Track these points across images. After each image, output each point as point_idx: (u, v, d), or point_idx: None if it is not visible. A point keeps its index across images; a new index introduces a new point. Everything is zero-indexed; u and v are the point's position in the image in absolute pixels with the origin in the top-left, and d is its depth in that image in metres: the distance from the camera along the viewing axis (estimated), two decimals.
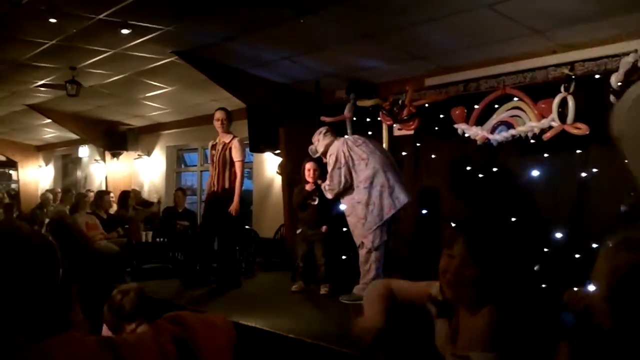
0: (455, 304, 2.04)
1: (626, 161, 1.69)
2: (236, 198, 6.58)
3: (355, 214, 5.86)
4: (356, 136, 6.40)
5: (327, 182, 6.05)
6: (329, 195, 6.10)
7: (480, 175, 6.53)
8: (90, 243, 8.04)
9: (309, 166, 6.41)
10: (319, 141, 6.21)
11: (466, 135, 6.39)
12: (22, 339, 1.08)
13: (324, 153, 6.15)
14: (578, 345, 1.77)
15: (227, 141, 6.74)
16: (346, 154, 5.91)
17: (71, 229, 8.26)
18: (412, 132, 7.11)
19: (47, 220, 10.09)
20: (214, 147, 6.90)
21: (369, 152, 5.93)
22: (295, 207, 6.65)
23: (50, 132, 14.04)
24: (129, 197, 9.74)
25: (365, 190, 5.79)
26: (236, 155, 6.64)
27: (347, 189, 5.95)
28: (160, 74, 8.41)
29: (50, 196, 12.60)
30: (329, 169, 6.02)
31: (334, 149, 6.01)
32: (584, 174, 5.70)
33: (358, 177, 5.85)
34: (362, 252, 5.83)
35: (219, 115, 6.87)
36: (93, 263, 7.60)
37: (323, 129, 6.32)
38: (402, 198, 5.81)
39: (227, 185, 6.64)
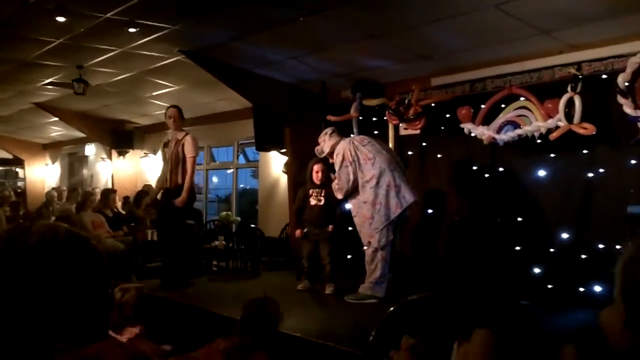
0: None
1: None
2: (184, 193, 6.45)
3: (362, 213, 5.86)
4: (362, 136, 6.40)
5: (336, 181, 6.05)
6: (339, 195, 6.08)
7: (487, 175, 6.53)
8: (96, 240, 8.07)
9: (316, 168, 6.39)
10: (325, 142, 6.21)
11: (472, 134, 6.38)
12: (59, 344, 1.11)
13: (330, 153, 6.15)
14: (585, 348, 1.76)
15: (179, 138, 6.63)
16: (352, 153, 5.91)
17: (77, 227, 8.27)
18: (418, 131, 7.10)
19: (53, 219, 10.13)
20: (166, 144, 6.78)
21: (375, 151, 5.92)
22: (296, 210, 6.64)
23: (56, 131, 14.09)
24: (145, 197, 9.78)
25: (371, 190, 5.79)
26: (188, 151, 6.53)
27: (355, 188, 5.95)
28: (166, 73, 8.43)
29: (55, 194, 12.64)
30: (337, 168, 6.02)
31: (340, 148, 6.01)
32: (590, 174, 5.69)
33: (365, 177, 5.85)
34: (368, 252, 5.84)
35: (170, 112, 6.75)
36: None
37: (329, 130, 6.32)
38: (408, 197, 5.81)
39: (180, 182, 6.52)
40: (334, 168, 6.20)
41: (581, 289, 5.55)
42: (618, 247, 5.25)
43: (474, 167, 6.66)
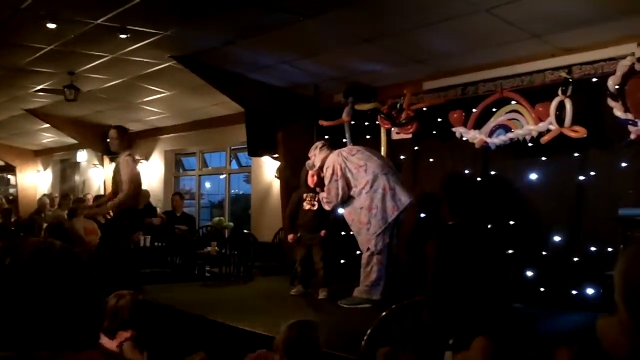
0: None
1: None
2: (110, 203, 6.36)
3: (359, 219, 5.87)
4: (350, 146, 6.44)
5: (325, 194, 6.07)
6: (327, 208, 6.13)
7: (479, 179, 6.54)
8: (88, 248, 8.03)
9: (312, 172, 6.41)
10: (316, 155, 6.23)
11: (464, 138, 6.40)
12: (46, 353, 1.13)
13: (321, 167, 6.17)
14: (579, 350, 1.76)
15: (120, 160, 6.52)
16: (342, 166, 5.92)
17: (69, 233, 8.23)
18: (410, 135, 7.12)
19: (45, 225, 10.08)
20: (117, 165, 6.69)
21: (365, 158, 5.94)
22: (288, 214, 6.62)
23: (48, 137, 14.03)
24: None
25: (367, 195, 5.80)
26: (123, 173, 6.36)
27: (347, 199, 5.97)
28: (158, 79, 8.42)
29: (47, 201, 12.57)
30: (326, 182, 6.03)
31: (330, 161, 6.03)
32: (582, 177, 5.72)
33: (359, 184, 5.86)
34: (364, 255, 5.85)
35: (110, 134, 6.67)
36: (91, 267, 7.54)
37: (319, 143, 6.34)
38: (404, 199, 5.83)
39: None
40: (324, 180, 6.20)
41: (574, 292, 5.56)
42: (610, 249, 5.27)
43: (466, 171, 6.67)
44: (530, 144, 5.88)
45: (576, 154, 5.75)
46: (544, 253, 5.87)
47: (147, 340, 3.17)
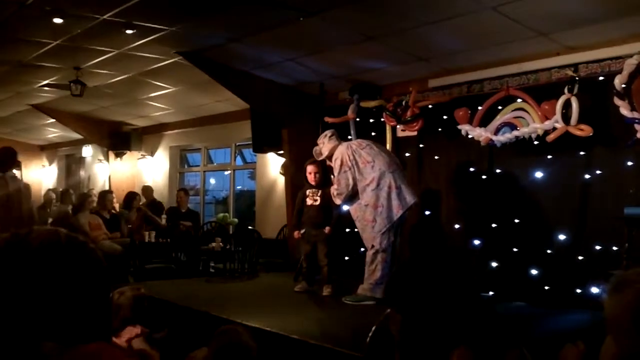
0: None
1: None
2: None
3: (364, 217, 5.87)
4: (360, 140, 6.42)
5: (335, 186, 6.06)
6: (338, 201, 6.11)
7: (484, 177, 6.53)
8: (93, 243, 8.04)
9: (310, 169, 6.41)
10: (324, 144, 6.22)
11: (470, 136, 6.38)
12: (53, 345, 1.12)
13: (329, 157, 6.17)
14: (585, 348, 1.76)
15: None
16: (351, 158, 5.93)
17: (74, 228, 8.26)
18: (415, 133, 7.11)
19: (50, 220, 10.10)
20: None
21: (373, 154, 5.95)
22: (296, 211, 6.63)
23: (54, 132, 14.07)
24: (134, 200, 9.73)
25: (372, 192, 5.81)
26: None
27: (354, 193, 5.97)
28: (164, 75, 8.43)
29: (54, 195, 12.60)
30: (335, 173, 6.03)
31: (339, 153, 6.03)
32: (587, 176, 5.70)
33: (365, 180, 5.86)
34: (368, 253, 5.86)
35: None
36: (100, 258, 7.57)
37: (328, 132, 6.33)
38: (409, 198, 5.84)
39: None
40: (327, 169, 6.19)
41: (578, 290, 5.56)
42: (615, 248, 5.26)
43: (471, 169, 6.66)
44: (535, 142, 5.87)
45: (582, 153, 5.73)
46: (548, 252, 5.86)
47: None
